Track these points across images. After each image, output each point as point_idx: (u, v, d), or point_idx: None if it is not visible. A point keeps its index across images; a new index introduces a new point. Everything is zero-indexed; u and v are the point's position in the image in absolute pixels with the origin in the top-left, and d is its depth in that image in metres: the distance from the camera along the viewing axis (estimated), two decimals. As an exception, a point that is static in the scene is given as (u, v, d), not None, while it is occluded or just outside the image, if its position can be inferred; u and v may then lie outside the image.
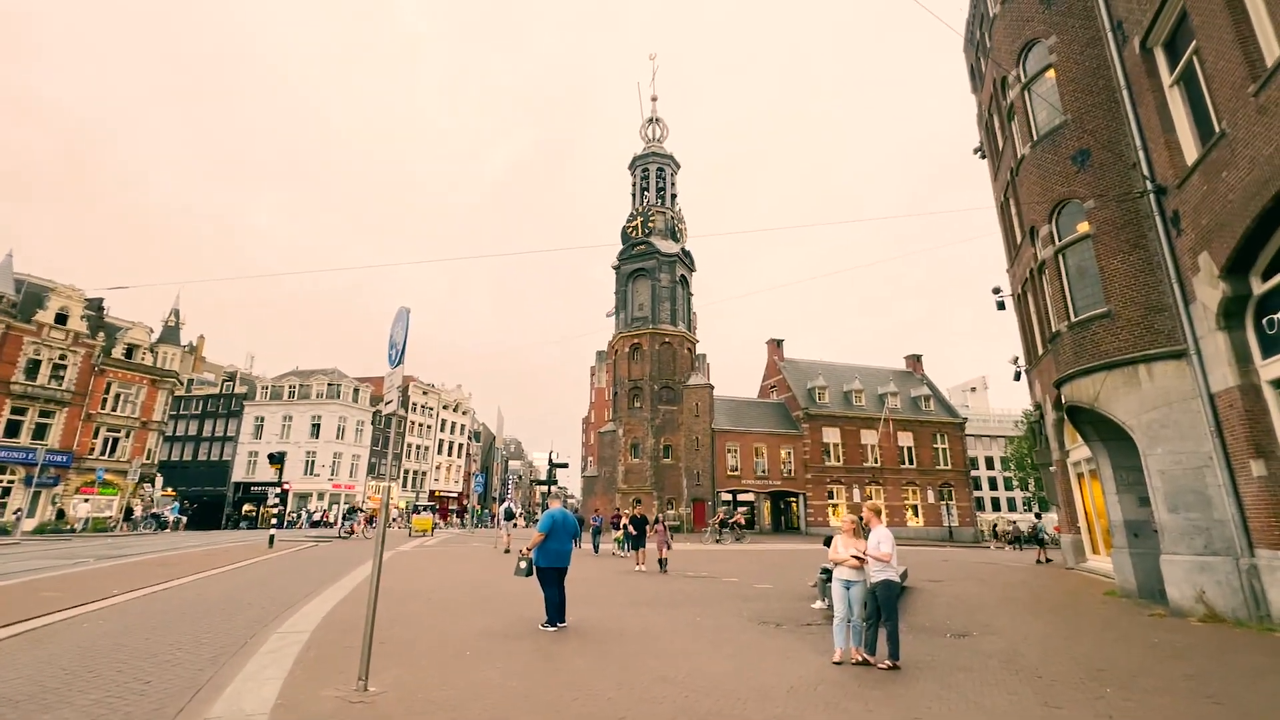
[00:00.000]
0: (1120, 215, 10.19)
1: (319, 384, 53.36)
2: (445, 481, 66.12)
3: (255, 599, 9.06)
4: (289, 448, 49.09)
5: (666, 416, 41.58)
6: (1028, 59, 12.36)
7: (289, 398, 53.07)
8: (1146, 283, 9.78)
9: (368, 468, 54.82)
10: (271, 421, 52.23)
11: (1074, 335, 10.88)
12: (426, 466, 62.68)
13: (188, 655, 5.68)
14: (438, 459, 64.97)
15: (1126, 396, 9.83)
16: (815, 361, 50.32)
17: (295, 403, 52.61)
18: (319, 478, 50.71)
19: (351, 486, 52.99)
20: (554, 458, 35.09)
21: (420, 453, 61.86)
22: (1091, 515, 14.58)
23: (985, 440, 76.69)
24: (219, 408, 54.09)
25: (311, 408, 52.36)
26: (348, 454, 53.16)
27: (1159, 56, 9.34)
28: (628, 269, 45.26)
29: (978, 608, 9.62)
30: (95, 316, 35.95)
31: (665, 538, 14.80)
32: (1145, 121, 9.67)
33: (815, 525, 41.45)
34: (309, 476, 50.44)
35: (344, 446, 52.90)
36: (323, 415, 52.22)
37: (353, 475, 53.44)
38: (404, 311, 6.31)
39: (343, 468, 52.45)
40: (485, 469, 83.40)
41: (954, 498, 45.66)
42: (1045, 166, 11.63)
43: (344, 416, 53.23)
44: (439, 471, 65.18)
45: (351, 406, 54.00)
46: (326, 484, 50.96)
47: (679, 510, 39.28)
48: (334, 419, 52.45)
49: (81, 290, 34.03)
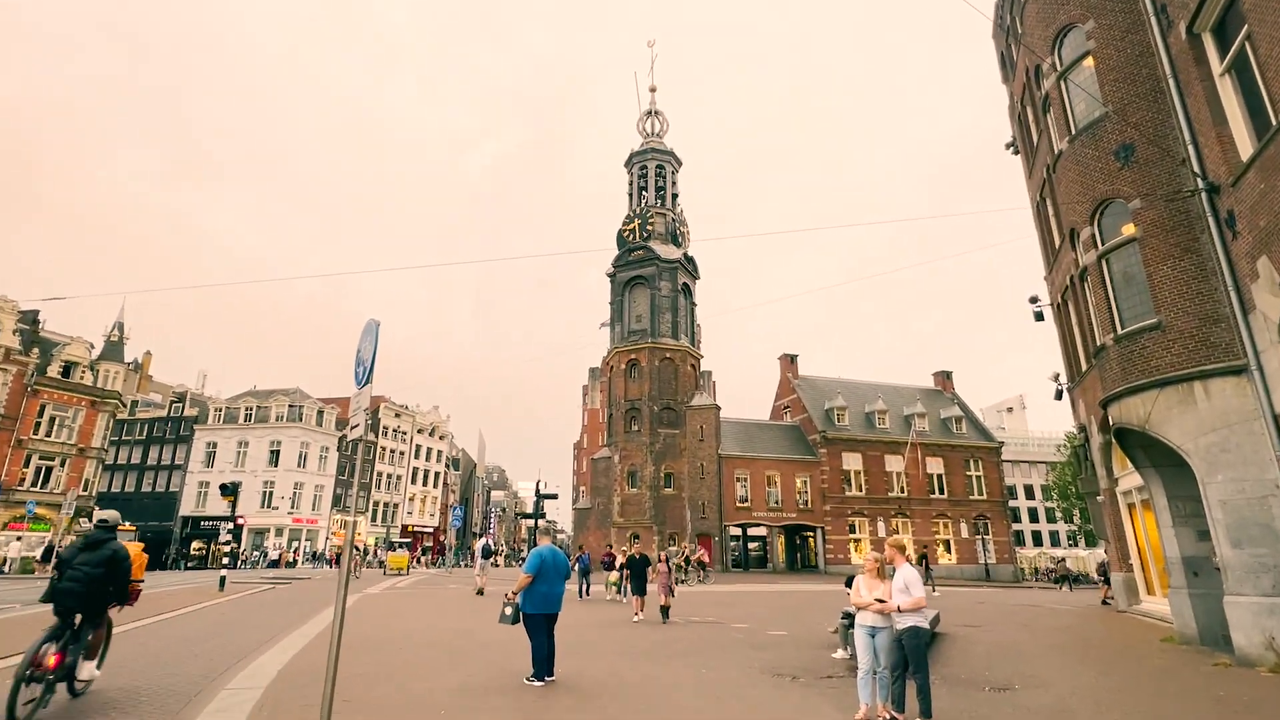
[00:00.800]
0: (1169, 216, 10.26)
1: (279, 405, 53.17)
2: (420, 515, 65.66)
3: (203, 649, 8.92)
4: (244, 477, 48.76)
5: (668, 441, 41.45)
6: (1063, 45, 12.52)
7: (245, 421, 52.84)
8: (1200, 291, 9.81)
9: (332, 499, 54.43)
10: (225, 448, 51.95)
11: (1121, 349, 10.89)
12: (398, 498, 62.29)
13: (121, 718, 5.56)
14: (411, 489, 64.59)
15: (1181, 417, 9.81)
16: (833, 379, 50.33)
17: (252, 426, 52.37)
18: (277, 511, 50.33)
19: (314, 521, 52.59)
20: (542, 488, 34.85)
21: (392, 482, 61.51)
22: (1145, 551, 14.48)
23: (1024, 467, 76.56)
24: (166, 432, 53.81)
25: (270, 432, 52.11)
26: (310, 484, 52.83)
27: (1207, 43, 9.46)
28: (624, 276, 45.40)
29: (1020, 656, 9.50)
30: (29, 331, 35.90)
31: (669, 581, 14.08)
32: (1194, 113, 9.77)
33: (835, 563, 41.16)
34: (266, 510, 50.07)
35: (306, 476, 52.58)
36: (283, 441, 51.96)
37: (316, 508, 53.05)
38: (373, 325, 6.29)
39: (304, 499, 52.09)
40: (465, 500, 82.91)
41: (990, 531, 45.42)
42: (1085, 163, 11.73)
43: (306, 442, 52.97)
44: (413, 503, 64.76)
45: (315, 431, 53.77)
46: (286, 518, 50.56)
47: (682, 546, 39.01)
48: (295, 445, 52.18)
49: (15, 301, 34.03)
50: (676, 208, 47.78)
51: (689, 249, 47.17)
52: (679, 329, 44.32)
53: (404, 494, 63.41)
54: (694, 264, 47.39)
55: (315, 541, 52.49)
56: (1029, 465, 77.01)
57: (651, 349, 42.88)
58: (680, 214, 47.65)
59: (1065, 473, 49.60)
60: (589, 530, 43.62)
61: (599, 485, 43.94)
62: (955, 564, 43.44)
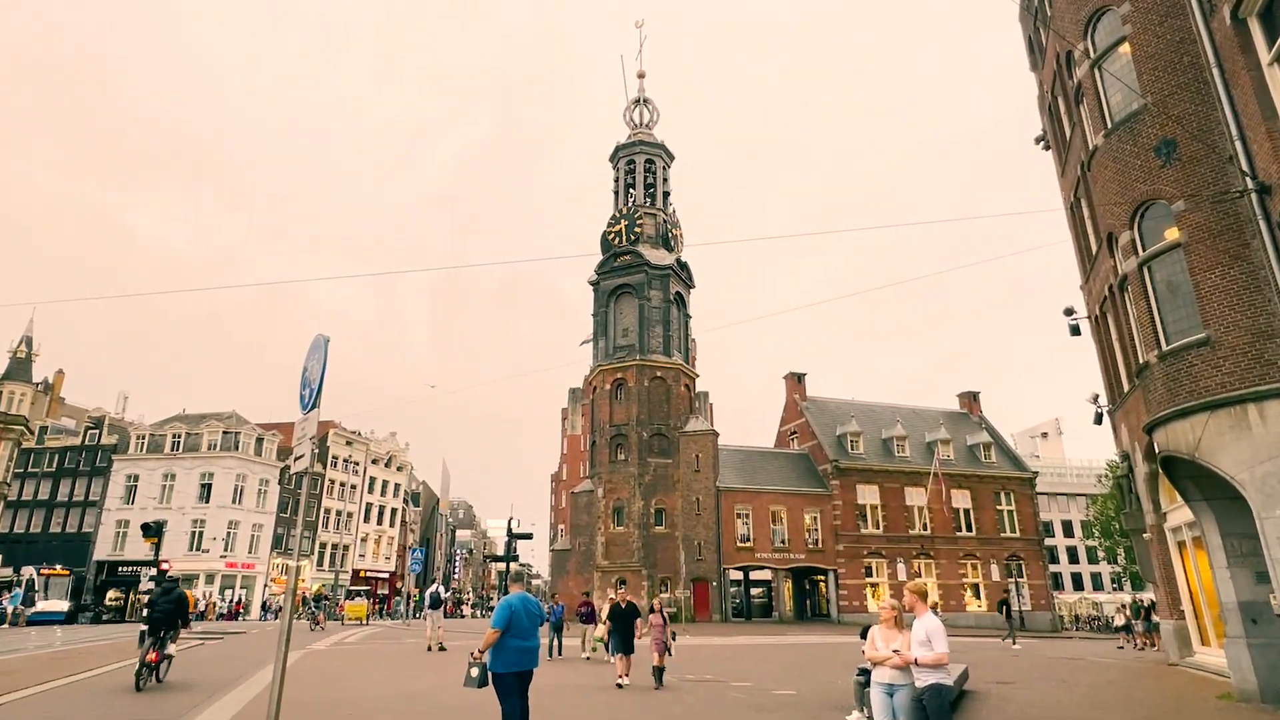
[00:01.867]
0: (1216, 219, 10.47)
1: (212, 432, 52.65)
2: (374, 558, 64.92)
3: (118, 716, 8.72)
4: (170, 515, 48.07)
5: (659, 472, 41.37)
6: (1096, 30, 12.83)
7: (172, 450, 52.24)
8: (1252, 302, 9.99)
9: (273, 540, 53.74)
10: (148, 481, 51.24)
11: (1166, 367, 11.04)
12: (349, 538, 61.60)
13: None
14: (364, 528, 63.94)
15: (1234, 444, 9.94)
16: (846, 401, 50.56)
17: (180, 456, 51.77)
18: (208, 554, 49.61)
19: (251, 565, 51.86)
20: (514, 526, 34.57)
21: (342, 521, 60.87)
22: (1198, 595, 14.57)
23: (1061, 500, 77.12)
24: (80, 463, 52.99)
25: (201, 462, 51.53)
26: (247, 523, 52.19)
27: (1254, 29, 9.73)
28: (609, 285, 45.56)
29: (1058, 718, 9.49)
30: (-78, 346, 35.38)
31: (664, 636, 13.07)
32: (1241, 106, 10.02)
33: (850, 611, 41.06)
34: (196, 553, 49.34)
35: (242, 513, 51.95)
36: (216, 472, 51.39)
37: (253, 550, 52.36)
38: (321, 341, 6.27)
39: (240, 540, 51.42)
40: (426, 541, 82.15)
41: (1025, 574, 45.55)
42: (1123, 160, 11.97)
43: (243, 474, 52.40)
44: (365, 545, 64.05)
45: (254, 461, 53.22)
46: (218, 562, 49.85)
47: (675, 594, 38.78)
48: (230, 478, 51.61)
49: (-94, 313, 33.58)
50: (668, 207, 48.12)
51: (682, 254, 47.44)
52: (671, 344, 44.44)
53: (355, 534, 62.69)
54: (688, 271, 47.65)
55: (253, 589, 51.73)
56: (1067, 498, 77.56)
57: (640, 367, 42.92)
58: (673, 214, 47.99)
59: (1107, 507, 49.91)
60: (568, 575, 43.27)
61: (580, 523, 43.68)
62: (985, 611, 43.43)
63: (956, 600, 43.40)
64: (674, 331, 45.01)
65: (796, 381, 50.51)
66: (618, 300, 45.45)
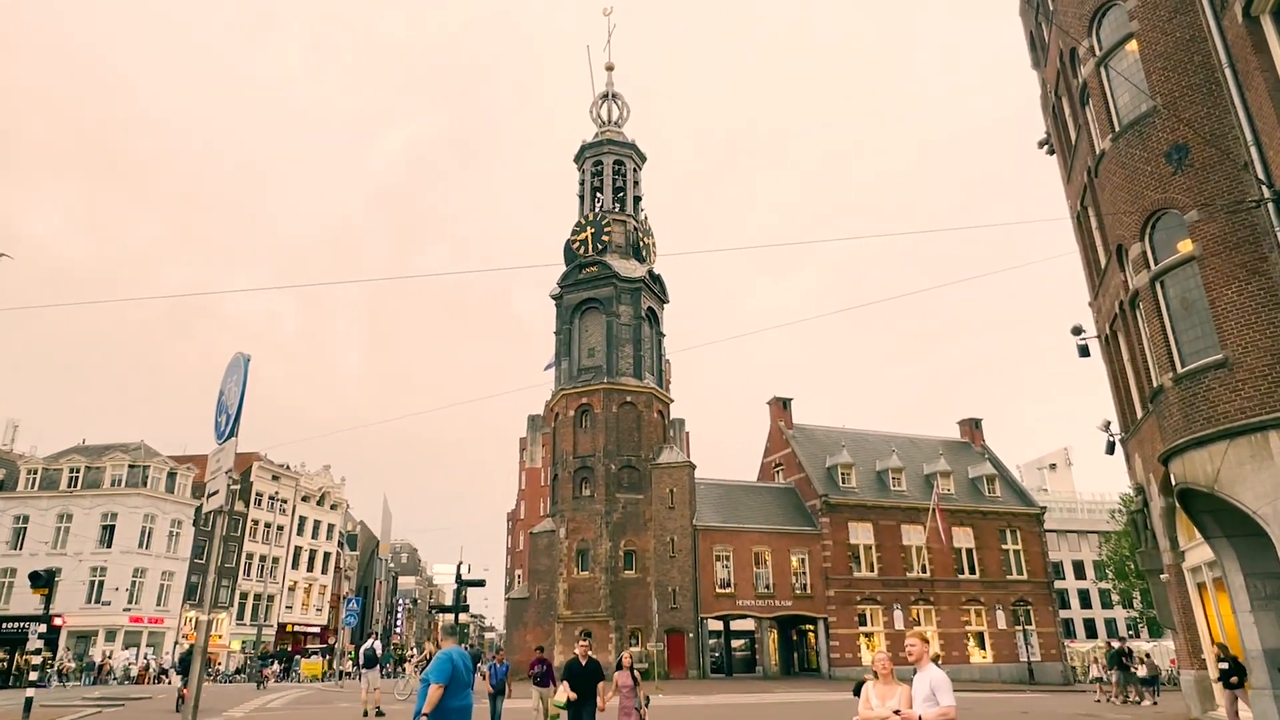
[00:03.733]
0: (1232, 231, 10.79)
1: (116, 466, 51.34)
2: (303, 609, 63.56)
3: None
4: (65, 561, 46.53)
5: (628, 509, 41.15)
6: (1101, 26, 13.26)
7: (69, 487, 50.79)
8: (1271, 320, 10.28)
9: (186, 590, 52.41)
10: (40, 523, 49.67)
11: (1181, 391, 11.29)
12: (275, 588, 60.25)
13: None
14: (293, 576, 62.65)
15: (1255, 475, 10.16)
16: (836, 429, 50.92)
17: (78, 494, 50.32)
18: (109, 607, 48.14)
19: (159, 620, 50.46)
20: (464, 572, 34.03)
21: (266, 567, 59.53)
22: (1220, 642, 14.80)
23: (1071, 538, 78.20)
24: (-40, 503, 51.19)
25: (104, 501, 50.13)
26: (156, 570, 50.83)
27: (1268, 27, 10.12)
28: (573, 299, 45.54)
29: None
30: None
31: (634, 701, 11.67)
32: (1255, 109, 10.38)
33: (841, 664, 41.00)
34: (95, 606, 47.85)
35: (150, 559, 50.59)
36: (120, 512, 50.01)
37: (162, 602, 50.98)
38: (241, 360, 6.15)
39: (147, 591, 50.01)
40: (363, 590, 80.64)
41: (1034, 620, 45.98)
42: (1132, 166, 12.31)
43: (152, 514, 51.09)
44: (294, 594, 62.70)
45: (164, 499, 51.97)
46: (121, 616, 48.38)
47: (647, 647, 38.43)
48: (137, 518, 50.26)
49: None
50: (639, 214, 48.39)
51: (655, 265, 47.67)
52: (643, 365, 44.44)
53: (283, 582, 61.33)
54: (661, 284, 47.85)
55: (161, 645, 50.26)
56: (1077, 536, 78.67)
57: (608, 391, 42.82)
58: (644, 221, 48.26)
59: (1121, 545, 50.72)
60: (525, 627, 42.69)
61: (540, 568, 43.20)
62: (991, 663, 43.72)
63: (959, 651, 43.57)
64: (646, 351, 45.04)
65: (782, 407, 50.75)
66: (583, 316, 45.42)
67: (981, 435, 53.99)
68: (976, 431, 54.11)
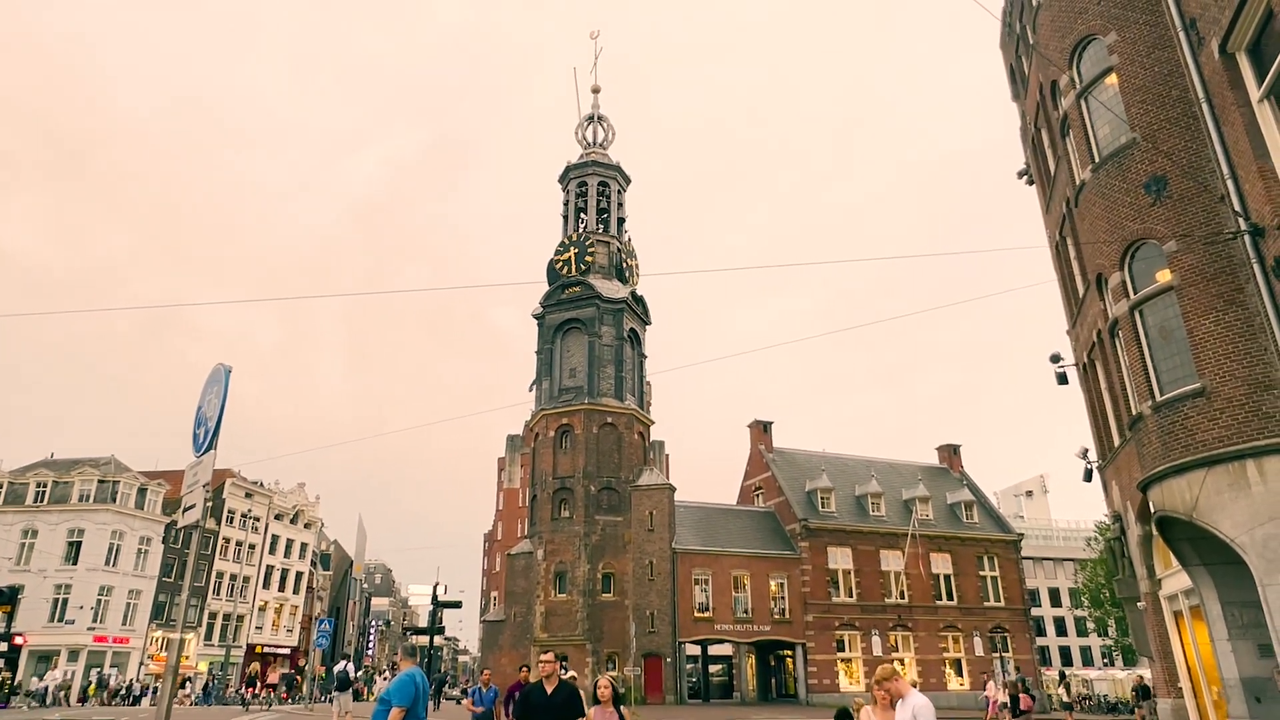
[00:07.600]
0: (1209, 262, 10.97)
1: (84, 481, 50.37)
2: (274, 630, 62.50)
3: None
4: (29, 579, 45.52)
5: (607, 531, 40.92)
6: (1082, 59, 13.52)
7: (35, 502, 49.74)
8: (1248, 350, 10.44)
9: (153, 609, 51.35)
10: (4, 539, 48.53)
11: (1160, 420, 11.40)
12: (245, 608, 59.23)
13: None
14: (264, 595, 61.66)
15: (1233, 503, 10.25)
16: (816, 453, 51.02)
17: (45, 509, 49.28)
18: (73, 625, 47.01)
19: (125, 639, 49.35)
20: (440, 593, 33.64)
21: (237, 587, 58.52)
22: (1197, 671, 14.85)
23: (1048, 566, 78.69)
24: (-79, 517, 50.00)
25: (71, 517, 49.10)
26: (122, 588, 49.78)
27: (1243, 64, 10.34)
28: (555, 319, 45.52)
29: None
30: None
31: None
32: (1231, 143, 10.59)
33: (820, 690, 40.83)
34: (58, 625, 46.72)
35: (117, 577, 49.54)
36: (87, 529, 48.98)
37: (129, 621, 49.89)
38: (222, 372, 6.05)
39: (113, 610, 48.92)
40: (335, 611, 79.43)
41: (1011, 647, 46.07)
42: (1111, 196, 12.51)
43: (120, 531, 50.10)
44: (264, 615, 61.66)
45: (133, 515, 51.02)
46: (85, 635, 47.25)
47: (624, 671, 38.05)
48: (104, 534, 49.25)
49: None
50: (623, 235, 48.62)
51: (638, 286, 47.81)
52: (624, 387, 44.41)
53: (253, 602, 60.31)
54: (644, 305, 47.97)
55: (126, 667, 49.12)
56: (1054, 563, 79.17)
57: (589, 411, 42.71)
58: (628, 243, 48.47)
59: (1097, 573, 51.00)
60: (501, 650, 42.16)
61: (516, 590, 42.78)
62: (968, 690, 43.64)
63: (937, 677, 43.51)
64: (627, 372, 45.05)
65: (762, 431, 50.84)
66: (565, 336, 45.40)
67: (960, 461, 54.37)
68: (955, 457, 54.48)
